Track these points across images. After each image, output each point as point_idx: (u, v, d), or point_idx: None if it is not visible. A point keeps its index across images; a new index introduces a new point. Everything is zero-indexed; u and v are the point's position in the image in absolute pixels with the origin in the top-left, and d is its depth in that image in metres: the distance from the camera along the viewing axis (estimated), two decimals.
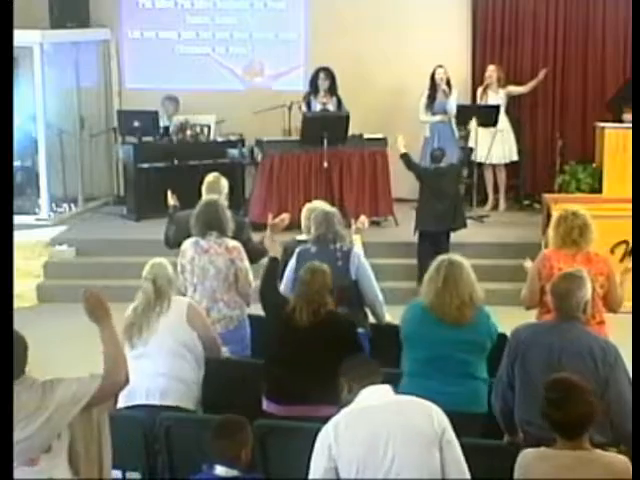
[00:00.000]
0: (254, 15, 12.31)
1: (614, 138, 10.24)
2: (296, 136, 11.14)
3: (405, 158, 9.73)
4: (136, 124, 11.23)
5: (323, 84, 11.27)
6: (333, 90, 11.28)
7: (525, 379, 4.79)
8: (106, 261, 10.32)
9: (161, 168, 11.23)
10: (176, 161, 11.30)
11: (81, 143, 12.10)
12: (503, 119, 11.44)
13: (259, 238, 6.94)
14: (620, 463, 3.99)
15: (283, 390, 5.52)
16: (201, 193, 7.17)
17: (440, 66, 11.42)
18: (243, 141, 11.55)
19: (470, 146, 10.62)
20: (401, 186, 10.94)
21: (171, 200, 7.45)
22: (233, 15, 12.33)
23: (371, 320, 6.52)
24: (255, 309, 6.53)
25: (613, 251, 9.20)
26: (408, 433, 4.00)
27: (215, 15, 12.34)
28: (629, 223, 7.03)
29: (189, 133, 11.51)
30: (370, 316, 6.51)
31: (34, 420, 3.87)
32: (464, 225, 9.82)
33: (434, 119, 11.48)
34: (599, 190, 10.46)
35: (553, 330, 4.84)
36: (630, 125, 9.61)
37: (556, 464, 3.97)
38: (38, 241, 10.61)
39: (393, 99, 11.94)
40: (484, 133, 11.22)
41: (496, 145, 11.40)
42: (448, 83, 11.45)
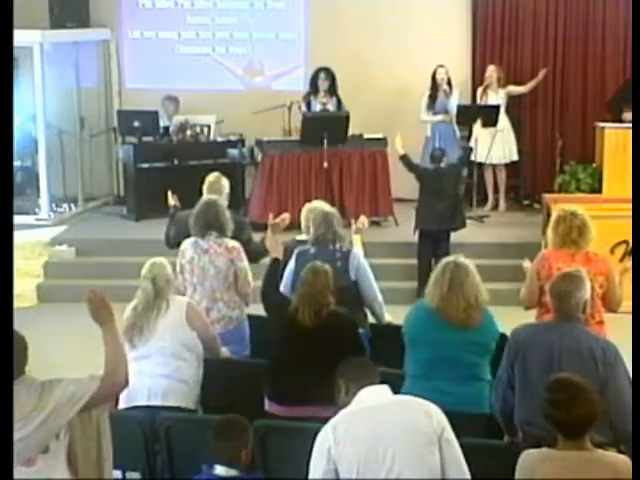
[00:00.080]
0: (254, 15, 12.31)
1: (614, 138, 10.23)
2: (296, 136, 11.13)
3: (405, 160, 9.74)
4: (136, 124, 11.22)
5: (323, 84, 11.27)
6: (333, 90, 11.28)
7: (525, 379, 4.79)
8: (106, 261, 10.31)
9: (161, 168, 11.22)
10: (176, 161, 11.30)
11: (81, 143, 12.09)
12: (503, 119, 11.43)
13: (259, 238, 6.95)
14: (622, 463, 4.00)
15: (286, 391, 5.52)
16: (201, 193, 7.17)
17: (441, 66, 11.42)
18: (243, 141, 11.54)
19: (470, 146, 10.61)
20: (401, 186, 10.93)
21: (172, 200, 7.43)
22: (233, 15, 12.33)
23: (371, 320, 6.52)
24: (254, 309, 6.54)
25: (613, 251, 9.20)
26: (408, 433, 4.00)
27: (215, 15, 12.34)
28: (629, 223, 7.03)
29: (189, 133, 11.50)
30: (370, 316, 6.52)
31: (31, 420, 3.87)
32: (464, 225, 9.81)
33: (435, 119, 11.47)
34: (599, 190, 10.46)
35: (553, 330, 4.84)
36: (630, 125, 9.61)
37: (559, 465, 3.97)
38: (38, 241, 10.60)
39: (393, 99, 11.94)
40: (484, 133, 11.21)
41: (496, 145, 11.40)
42: (449, 83, 11.45)
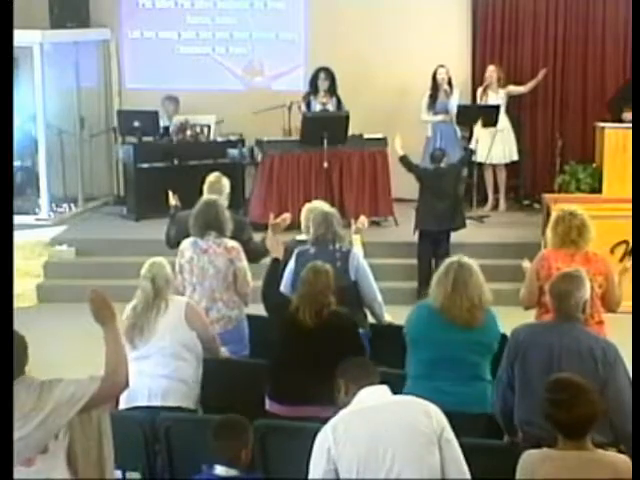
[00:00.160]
0: (254, 15, 12.31)
1: (614, 138, 10.23)
2: (296, 136, 11.12)
3: (404, 160, 9.73)
4: (136, 124, 11.23)
5: (323, 84, 11.27)
6: (333, 90, 11.28)
7: (525, 379, 4.79)
8: (106, 261, 10.31)
9: (161, 168, 11.22)
10: (176, 161, 11.30)
11: (81, 143, 12.09)
12: (503, 119, 11.43)
13: (259, 238, 6.95)
14: (623, 463, 4.00)
15: (287, 390, 5.52)
16: (201, 193, 7.17)
17: (442, 66, 11.41)
18: (243, 141, 11.54)
19: (471, 147, 10.60)
20: (401, 186, 10.92)
21: (172, 200, 7.44)
22: (233, 15, 12.33)
23: (371, 320, 6.52)
24: (254, 309, 6.54)
25: (613, 251, 9.20)
26: (407, 433, 4.00)
27: (215, 15, 12.34)
28: (629, 223, 7.02)
29: (189, 133, 11.50)
30: (370, 316, 6.52)
31: (30, 420, 3.87)
32: (464, 225, 9.81)
33: (436, 119, 11.47)
34: (599, 190, 10.45)
35: (552, 330, 4.84)
36: (630, 125, 9.61)
37: (560, 465, 3.97)
38: (38, 241, 10.60)
39: (393, 99, 11.93)
40: (484, 133, 11.19)
41: (496, 145, 11.39)
42: (450, 83, 11.45)
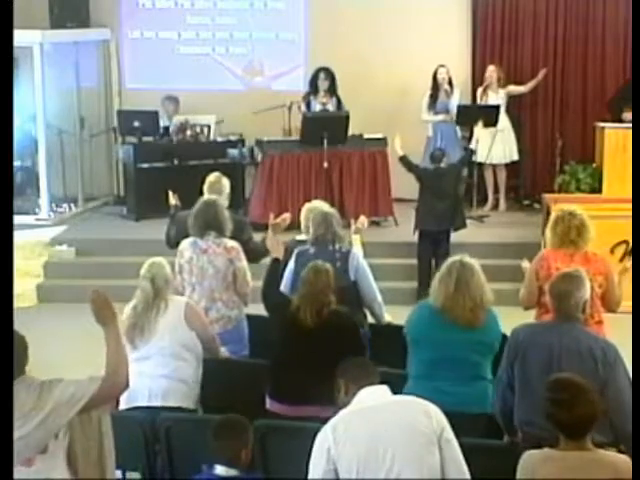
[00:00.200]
0: (254, 15, 12.31)
1: (614, 138, 10.22)
2: (296, 136, 11.12)
3: (404, 161, 9.73)
4: (136, 124, 11.22)
5: (323, 84, 11.27)
6: (333, 90, 11.28)
7: (525, 379, 4.79)
8: (106, 261, 10.31)
9: (161, 168, 11.22)
10: (176, 161, 11.29)
11: (81, 143, 12.09)
12: (503, 119, 11.42)
13: (259, 238, 6.94)
14: (623, 463, 4.00)
15: (287, 390, 5.52)
16: (201, 193, 7.16)
17: (442, 66, 11.41)
18: (243, 141, 11.54)
19: (471, 147, 10.60)
20: (401, 186, 10.92)
21: (173, 200, 7.44)
22: (233, 15, 12.33)
23: (370, 320, 6.52)
24: (253, 309, 6.54)
25: (613, 251, 9.20)
26: (407, 433, 4.00)
27: (215, 15, 12.34)
28: (629, 223, 7.02)
29: (189, 133, 11.50)
30: (369, 316, 6.51)
31: (30, 420, 3.87)
32: (464, 225, 9.82)
33: (436, 119, 11.47)
34: (599, 190, 10.45)
35: (552, 330, 4.84)
36: (630, 125, 9.61)
37: (561, 465, 3.97)
38: (38, 241, 10.60)
39: (393, 99, 11.93)
40: (484, 133, 11.19)
41: (496, 145, 11.39)
42: (450, 83, 11.45)
